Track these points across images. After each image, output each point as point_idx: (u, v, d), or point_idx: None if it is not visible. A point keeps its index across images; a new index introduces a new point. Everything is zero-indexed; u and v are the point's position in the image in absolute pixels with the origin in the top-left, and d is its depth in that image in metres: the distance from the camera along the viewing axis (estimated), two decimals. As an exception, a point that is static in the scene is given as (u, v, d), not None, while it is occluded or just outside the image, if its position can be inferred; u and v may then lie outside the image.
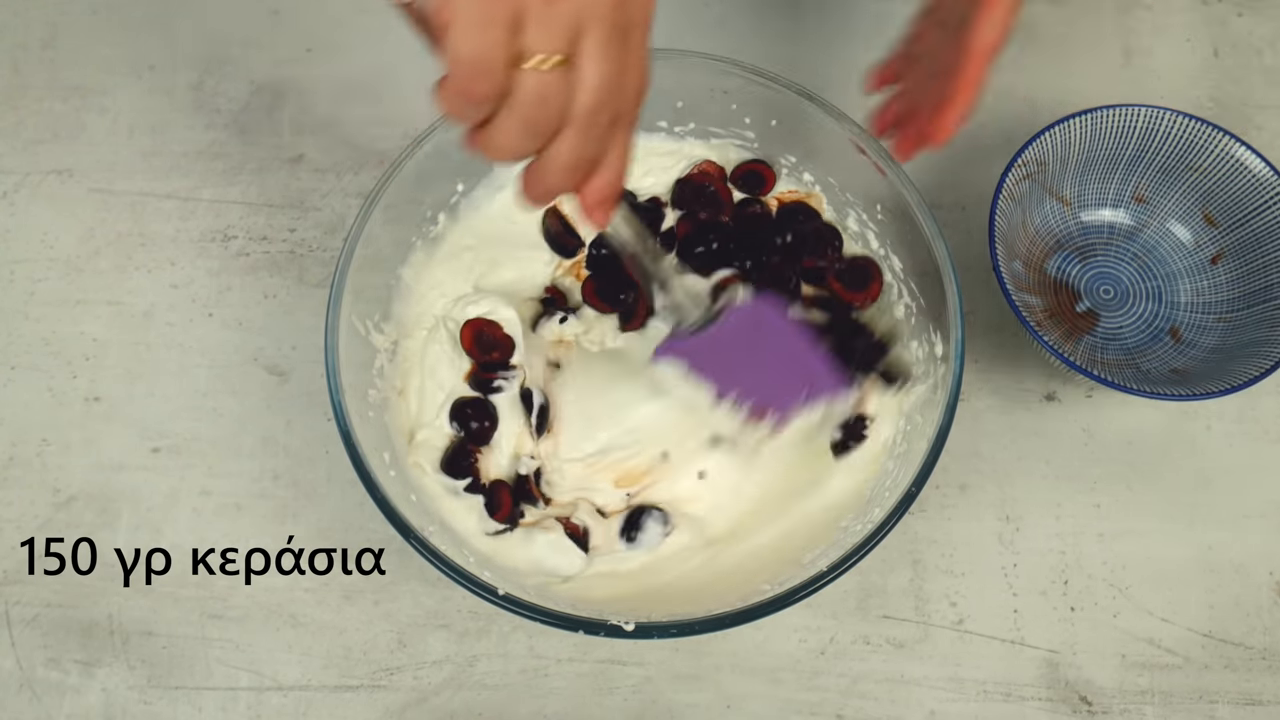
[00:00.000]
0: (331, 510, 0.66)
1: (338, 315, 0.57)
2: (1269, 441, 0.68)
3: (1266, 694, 0.62)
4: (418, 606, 0.63)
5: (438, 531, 0.55)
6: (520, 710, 0.61)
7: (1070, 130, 0.68)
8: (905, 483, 0.54)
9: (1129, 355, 0.69)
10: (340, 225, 0.74)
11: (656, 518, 0.59)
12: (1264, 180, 0.67)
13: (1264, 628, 0.63)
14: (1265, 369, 0.62)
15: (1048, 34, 0.81)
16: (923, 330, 0.61)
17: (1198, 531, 0.66)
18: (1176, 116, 0.68)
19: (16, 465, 0.67)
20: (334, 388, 0.55)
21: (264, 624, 0.63)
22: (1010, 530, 0.66)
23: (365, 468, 0.54)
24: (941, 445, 0.54)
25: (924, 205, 0.59)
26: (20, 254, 0.73)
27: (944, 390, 0.56)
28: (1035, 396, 0.69)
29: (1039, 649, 0.63)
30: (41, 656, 0.62)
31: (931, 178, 0.74)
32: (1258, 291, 0.67)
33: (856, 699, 0.61)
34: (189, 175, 0.75)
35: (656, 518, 0.59)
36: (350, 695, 0.61)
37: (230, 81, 0.79)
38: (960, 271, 0.58)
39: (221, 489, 0.66)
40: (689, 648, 0.63)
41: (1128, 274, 0.72)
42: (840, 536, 0.56)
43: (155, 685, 0.62)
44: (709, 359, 0.57)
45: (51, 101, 0.78)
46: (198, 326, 0.71)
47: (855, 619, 0.63)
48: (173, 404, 0.69)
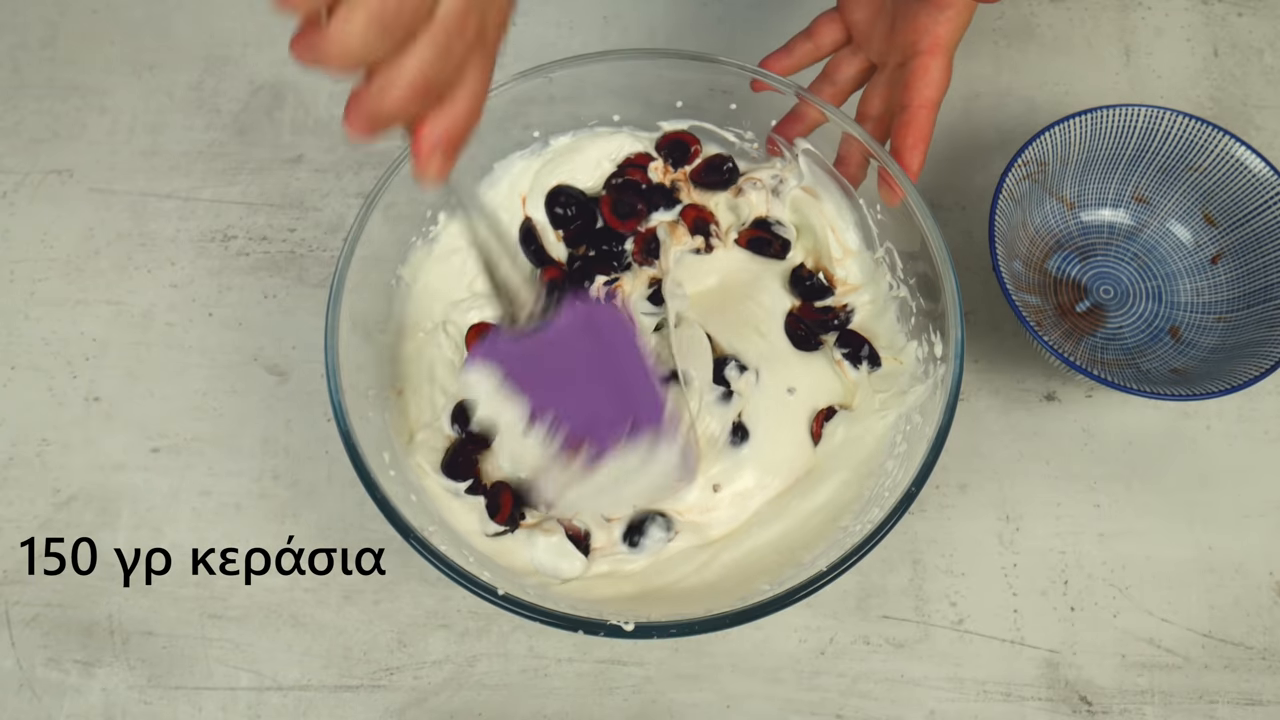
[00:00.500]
0: (331, 510, 0.66)
1: (337, 315, 0.57)
2: (1269, 441, 0.68)
3: (1266, 694, 0.62)
4: (418, 606, 0.63)
5: (438, 532, 0.55)
6: (520, 710, 0.61)
7: (1070, 130, 0.68)
8: (905, 483, 0.54)
9: (1129, 355, 0.69)
10: (340, 225, 0.74)
11: (660, 524, 0.59)
12: (1264, 180, 0.67)
13: (1264, 628, 0.63)
14: (1265, 369, 0.62)
15: (1048, 34, 0.81)
16: (923, 330, 0.61)
17: (1198, 531, 0.66)
18: (1176, 116, 0.68)
19: (16, 465, 0.67)
20: (334, 388, 0.55)
21: (264, 624, 0.63)
22: (1010, 530, 0.66)
23: (365, 468, 0.54)
24: (941, 445, 0.54)
25: (924, 205, 0.59)
26: (20, 254, 0.73)
27: (944, 390, 0.56)
28: (1035, 396, 0.69)
29: (1039, 649, 0.63)
30: (41, 656, 0.62)
31: (931, 178, 0.74)
32: (1258, 291, 0.67)
33: (856, 699, 0.61)
34: (189, 175, 0.76)
35: (660, 524, 0.59)
36: (350, 695, 0.61)
37: (230, 81, 0.79)
38: (960, 271, 0.58)
39: (221, 489, 0.66)
40: (689, 648, 0.63)
41: (1128, 274, 0.72)
42: (840, 536, 0.56)
43: (155, 685, 0.62)
44: (530, 368, 0.50)
45: (51, 101, 0.78)
46: (198, 326, 0.71)
47: (855, 619, 0.63)
48: (173, 404, 0.69)
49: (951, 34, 0.60)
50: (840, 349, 0.63)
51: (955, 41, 0.61)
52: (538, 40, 0.80)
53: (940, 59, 0.60)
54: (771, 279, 0.65)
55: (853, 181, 0.64)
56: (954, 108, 0.77)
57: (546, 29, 0.80)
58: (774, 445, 0.61)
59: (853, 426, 0.61)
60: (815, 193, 0.65)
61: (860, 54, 0.66)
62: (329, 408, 0.55)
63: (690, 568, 0.59)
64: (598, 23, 0.81)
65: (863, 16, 0.65)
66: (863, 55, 0.66)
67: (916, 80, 0.60)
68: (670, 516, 0.59)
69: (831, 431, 0.61)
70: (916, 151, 0.60)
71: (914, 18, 0.60)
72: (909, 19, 0.61)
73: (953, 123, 0.77)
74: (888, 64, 0.64)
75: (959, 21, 0.60)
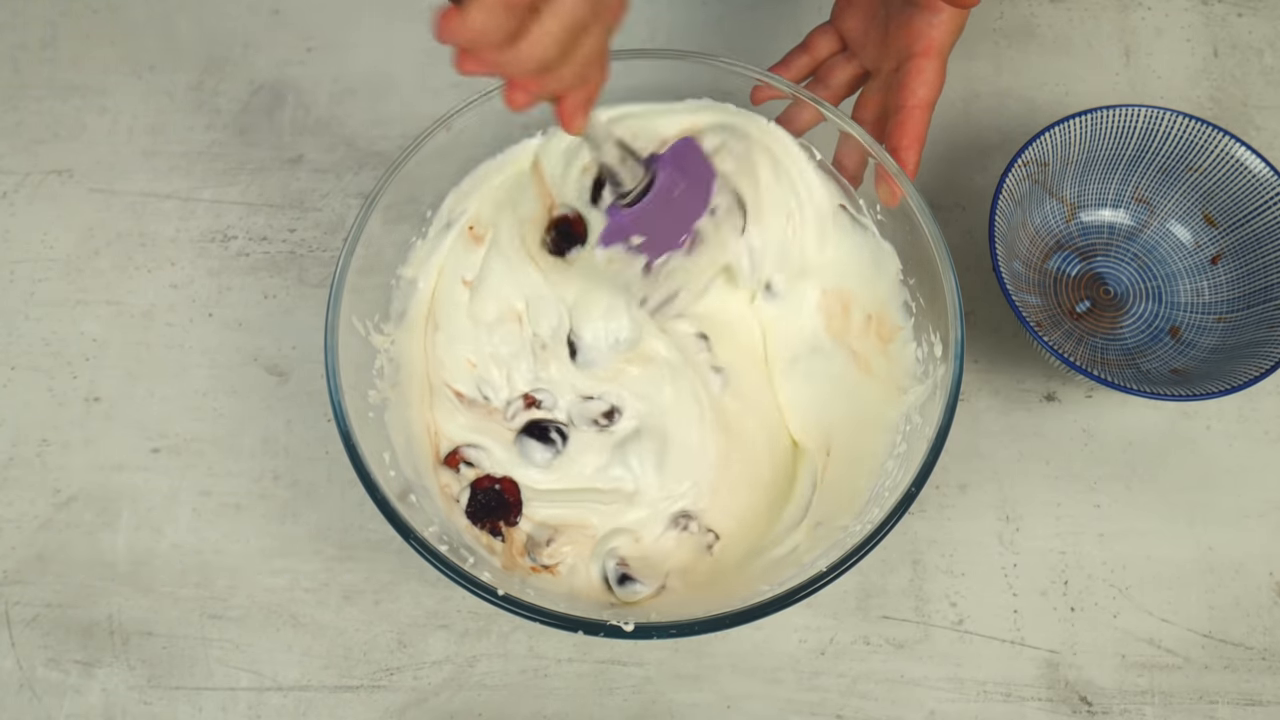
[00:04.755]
0: (331, 510, 0.66)
1: (337, 315, 0.57)
2: (1269, 441, 0.68)
3: (1266, 694, 0.62)
4: (418, 606, 0.63)
5: (437, 531, 0.55)
6: (520, 710, 0.61)
7: (1070, 130, 0.68)
8: (905, 483, 0.54)
9: (1129, 355, 0.69)
10: (340, 225, 0.74)
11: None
12: (1264, 180, 0.67)
13: (1264, 628, 0.63)
14: (1265, 369, 0.62)
15: (1048, 34, 0.81)
16: (923, 330, 0.61)
17: (1198, 531, 0.66)
18: (1176, 116, 0.68)
19: (16, 465, 0.67)
20: (334, 388, 0.55)
21: (264, 624, 0.63)
22: (1010, 530, 0.66)
23: (365, 468, 0.54)
24: (941, 445, 0.54)
25: (924, 205, 0.59)
26: (20, 254, 0.73)
27: (944, 390, 0.56)
28: (1035, 396, 0.69)
29: (1039, 649, 0.63)
30: (41, 656, 0.62)
31: (931, 178, 0.74)
32: (1258, 292, 0.67)
33: (856, 699, 0.61)
34: (189, 175, 0.76)
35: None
36: (350, 695, 0.61)
37: (230, 81, 0.79)
38: (960, 271, 0.58)
39: (221, 489, 0.66)
40: (689, 648, 0.63)
41: (1128, 274, 0.72)
42: (840, 536, 0.56)
43: (155, 685, 0.62)
44: (646, 227, 0.58)
45: (51, 101, 0.78)
46: (198, 326, 0.71)
47: (855, 619, 0.63)
48: (173, 404, 0.69)
49: (945, 37, 0.60)
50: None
51: (950, 45, 0.61)
52: (538, 40, 0.79)
53: (935, 61, 0.60)
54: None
55: (852, 183, 0.64)
56: (954, 108, 0.77)
57: (546, 29, 0.80)
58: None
59: (865, 410, 0.61)
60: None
61: (854, 60, 0.67)
62: (329, 408, 0.55)
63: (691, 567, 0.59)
64: (598, 23, 0.81)
65: (856, 24, 0.65)
66: (857, 61, 0.66)
67: (911, 81, 0.60)
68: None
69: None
70: (912, 151, 0.60)
71: (908, 23, 0.61)
72: (903, 24, 0.61)
73: (953, 123, 0.77)
74: (882, 69, 0.64)
75: (953, 25, 0.60)
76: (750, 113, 0.64)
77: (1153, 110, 0.68)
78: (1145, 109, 0.68)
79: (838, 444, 0.62)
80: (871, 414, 0.61)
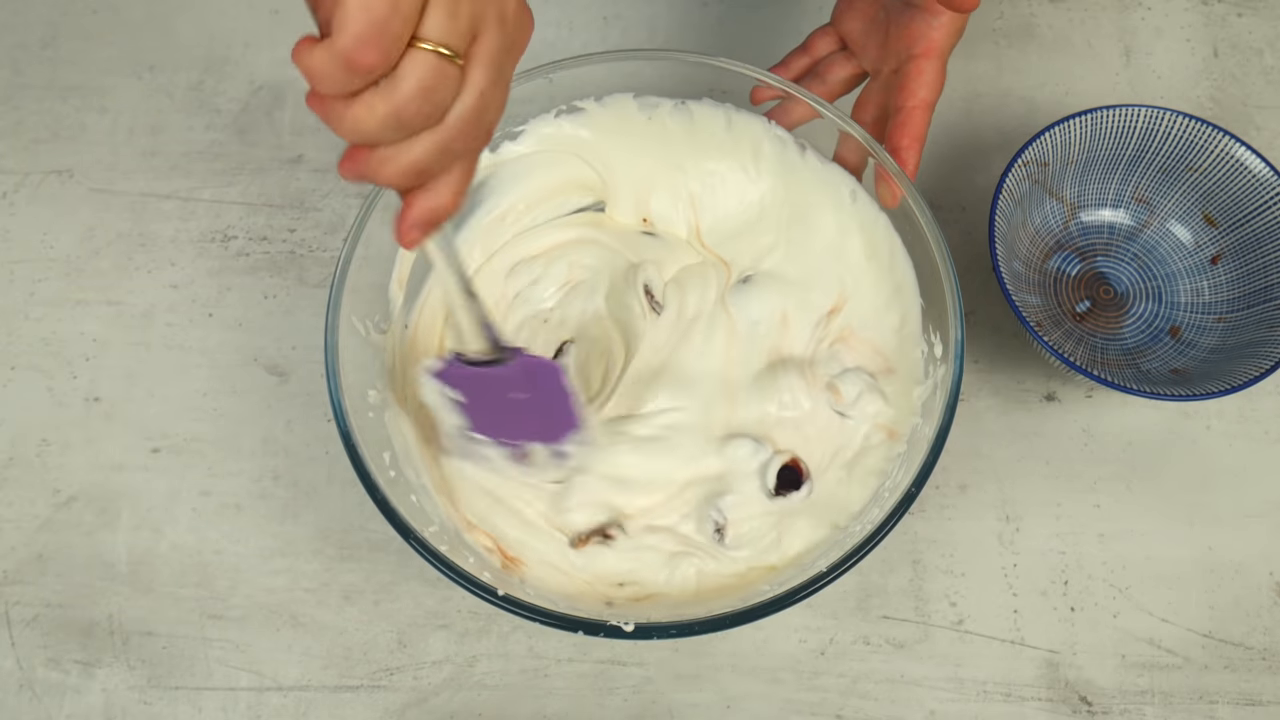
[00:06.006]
0: (331, 510, 0.66)
1: (337, 315, 0.57)
2: (1269, 441, 0.68)
3: (1266, 694, 0.62)
4: (418, 606, 0.63)
5: (438, 531, 0.55)
6: (520, 710, 0.61)
7: (1070, 130, 0.68)
8: (905, 483, 0.54)
9: (1129, 355, 0.69)
10: (340, 225, 0.74)
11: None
12: (1264, 180, 0.67)
13: (1264, 628, 0.63)
14: (1265, 369, 0.62)
15: (1048, 34, 0.81)
16: (923, 330, 0.61)
17: (1198, 531, 0.66)
18: (1176, 116, 0.68)
19: (16, 465, 0.67)
20: (334, 388, 0.55)
21: (264, 624, 0.63)
22: (1010, 530, 0.66)
23: (365, 468, 0.54)
24: (941, 445, 0.54)
25: (924, 205, 0.59)
26: (20, 254, 0.73)
27: (944, 390, 0.56)
28: (1035, 396, 0.69)
29: (1039, 649, 0.63)
30: (41, 656, 0.62)
31: (932, 178, 0.74)
32: (1257, 292, 0.67)
33: (856, 699, 0.61)
34: (189, 175, 0.76)
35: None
36: (350, 695, 0.61)
37: (230, 81, 0.79)
38: (960, 271, 0.58)
39: (221, 489, 0.66)
40: (689, 648, 0.63)
41: (1128, 274, 0.72)
42: (840, 536, 0.56)
43: (155, 685, 0.62)
44: (477, 397, 0.55)
45: (51, 101, 0.78)
46: (198, 327, 0.71)
47: (855, 619, 0.63)
48: (173, 404, 0.69)
49: (945, 39, 0.61)
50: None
51: (950, 47, 0.61)
52: (538, 40, 0.78)
53: (935, 62, 0.61)
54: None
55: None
56: (954, 108, 0.77)
57: (546, 29, 0.80)
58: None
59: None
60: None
61: (854, 59, 0.67)
62: (329, 408, 0.55)
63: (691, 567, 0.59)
64: (598, 23, 0.81)
65: (856, 27, 0.65)
66: (856, 61, 0.67)
67: (911, 82, 0.61)
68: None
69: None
70: (911, 151, 0.60)
71: (908, 25, 0.61)
72: (903, 26, 0.61)
73: (953, 123, 0.77)
74: (882, 71, 0.64)
75: (953, 28, 0.61)
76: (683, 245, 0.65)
77: (1153, 110, 0.68)
78: (1145, 109, 0.68)
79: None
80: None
